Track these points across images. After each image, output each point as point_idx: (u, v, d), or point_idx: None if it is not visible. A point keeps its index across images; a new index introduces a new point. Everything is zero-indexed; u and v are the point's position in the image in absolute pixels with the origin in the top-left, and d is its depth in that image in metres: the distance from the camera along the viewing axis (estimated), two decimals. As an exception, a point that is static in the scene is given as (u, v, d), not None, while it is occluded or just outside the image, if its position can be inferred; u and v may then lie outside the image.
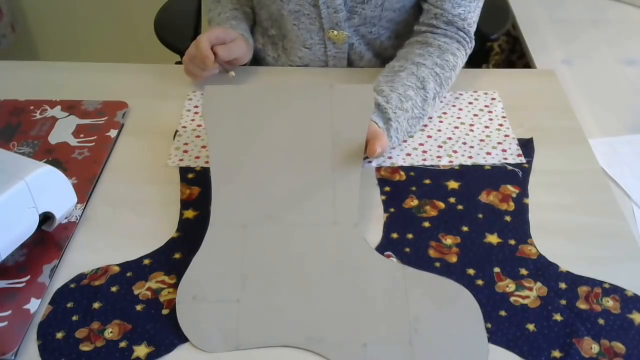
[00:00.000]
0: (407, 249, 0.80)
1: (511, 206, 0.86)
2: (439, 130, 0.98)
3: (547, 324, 0.71)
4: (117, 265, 0.78)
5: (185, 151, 0.94)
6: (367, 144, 0.84)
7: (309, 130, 0.85)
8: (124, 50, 2.10)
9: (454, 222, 0.83)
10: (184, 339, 0.70)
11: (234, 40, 1.04)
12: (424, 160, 0.93)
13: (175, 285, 0.75)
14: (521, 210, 0.85)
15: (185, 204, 0.86)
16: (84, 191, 0.86)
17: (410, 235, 0.82)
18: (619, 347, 0.69)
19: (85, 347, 0.69)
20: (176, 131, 0.98)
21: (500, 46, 1.54)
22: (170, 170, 0.91)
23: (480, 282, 0.76)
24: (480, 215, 0.84)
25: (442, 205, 0.86)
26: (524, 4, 1.37)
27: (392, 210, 0.85)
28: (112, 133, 0.97)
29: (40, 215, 0.75)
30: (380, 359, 0.68)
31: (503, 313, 0.72)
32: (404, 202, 0.86)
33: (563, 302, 0.74)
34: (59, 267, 0.77)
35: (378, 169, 0.91)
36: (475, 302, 0.73)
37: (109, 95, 1.04)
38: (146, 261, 0.78)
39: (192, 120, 1.00)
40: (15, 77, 1.11)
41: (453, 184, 0.89)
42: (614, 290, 0.75)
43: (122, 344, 0.69)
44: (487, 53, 1.54)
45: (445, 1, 1.00)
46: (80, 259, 0.79)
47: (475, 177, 0.90)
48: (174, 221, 0.83)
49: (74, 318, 0.72)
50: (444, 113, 1.02)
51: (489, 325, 0.71)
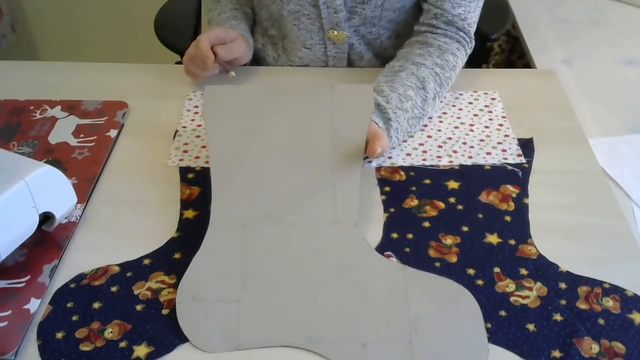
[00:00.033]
0: (407, 249, 0.80)
1: (511, 206, 0.86)
2: (439, 130, 0.98)
3: (547, 324, 0.71)
4: (117, 265, 0.78)
5: (185, 151, 0.94)
6: (367, 144, 0.84)
7: (309, 130, 0.85)
8: (124, 50, 2.10)
9: (454, 222, 0.83)
10: (184, 339, 0.70)
11: (234, 40, 1.04)
12: (424, 160, 0.93)
13: (175, 285, 0.75)
14: (521, 210, 0.85)
15: (185, 204, 0.86)
16: (84, 191, 0.86)
17: (410, 235, 0.82)
18: (619, 347, 0.69)
19: (85, 347, 0.69)
20: (176, 131, 0.98)
21: (500, 46, 1.54)
22: (170, 170, 0.91)
23: (480, 282, 0.76)
24: (480, 215, 0.84)
25: (442, 205, 0.86)
26: (524, 4, 1.37)
27: (392, 210, 0.85)
28: (112, 133, 0.97)
29: (40, 215, 0.75)
30: (380, 359, 0.68)
31: (503, 313, 0.72)
32: (404, 202, 0.86)
33: (563, 302, 0.74)
34: (59, 267, 0.77)
35: (378, 169, 0.91)
36: (475, 302, 0.73)
37: (109, 95, 1.04)
38: (146, 261, 0.78)
39: (192, 120, 1.00)
40: (15, 77, 1.11)
41: (453, 184, 0.89)
42: (614, 290, 0.75)
43: (122, 344, 0.69)
44: (487, 53, 1.54)
45: (445, 1, 1.00)
46: (80, 259, 0.79)
47: (475, 177, 0.90)
48: (174, 221, 0.83)
49: (74, 318, 0.72)
50: (444, 113, 1.02)
51: (489, 325, 0.71)
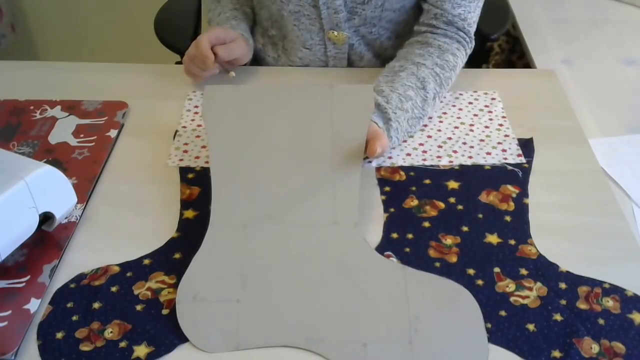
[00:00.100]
0: (407, 249, 0.80)
1: (511, 206, 0.86)
2: (439, 130, 0.98)
3: (547, 324, 0.71)
4: (117, 265, 0.78)
5: (185, 151, 0.94)
6: (367, 144, 0.84)
7: (309, 130, 0.85)
8: (124, 50, 2.10)
9: (454, 222, 0.83)
10: (184, 339, 0.70)
11: (234, 40, 1.04)
12: (424, 160, 0.93)
13: (175, 285, 0.75)
14: (521, 210, 0.85)
15: (185, 204, 0.86)
16: (84, 191, 0.86)
17: (410, 235, 0.82)
18: (619, 347, 0.69)
19: (85, 347, 0.69)
20: (176, 131, 0.98)
21: (500, 46, 1.54)
22: (170, 170, 0.91)
23: (480, 282, 0.76)
24: (480, 215, 0.84)
25: (442, 205, 0.86)
26: (524, 4, 1.37)
27: (392, 210, 0.85)
28: (112, 133, 0.97)
29: (40, 215, 0.75)
30: (380, 359, 0.68)
31: (503, 313, 0.72)
32: (404, 202, 0.86)
33: (563, 302, 0.74)
34: (59, 267, 0.77)
35: (378, 169, 0.91)
36: (475, 302, 0.73)
37: (109, 95, 1.04)
38: (146, 261, 0.78)
39: (192, 120, 1.00)
40: (15, 77, 1.11)
41: (453, 184, 0.89)
42: (614, 290, 0.75)
43: (122, 344, 0.69)
44: (487, 53, 1.54)
45: (445, 1, 1.00)
46: (80, 259, 0.79)
47: (475, 177, 0.90)
48: (174, 221, 0.83)
49: (74, 318, 0.72)
50: (444, 113, 1.02)
51: (489, 325, 0.71)
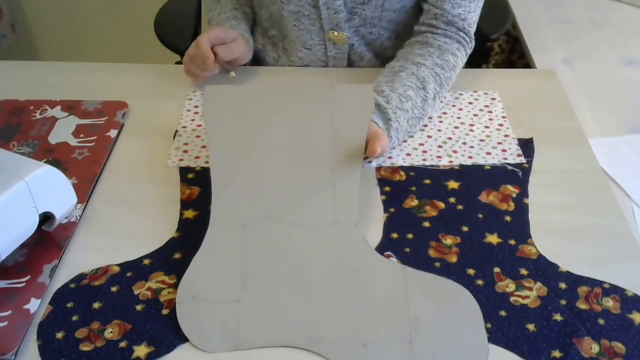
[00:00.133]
0: (407, 249, 0.80)
1: (511, 206, 0.86)
2: (439, 130, 0.98)
3: (547, 324, 0.71)
4: (117, 265, 0.78)
5: (185, 151, 0.94)
6: (367, 144, 0.84)
7: (309, 131, 0.85)
8: (124, 50, 2.10)
9: (454, 222, 0.83)
10: (184, 339, 0.70)
11: (234, 40, 1.04)
12: (424, 160, 0.93)
13: (175, 285, 0.75)
14: (521, 210, 0.85)
15: (185, 204, 0.86)
16: (84, 191, 0.86)
17: (410, 235, 0.82)
18: (619, 347, 0.69)
19: (85, 347, 0.69)
20: (176, 131, 0.98)
21: (500, 46, 1.54)
22: (170, 170, 0.91)
23: (480, 282, 0.76)
24: (480, 215, 0.84)
25: (442, 205, 0.86)
26: (524, 4, 1.37)
27: (392, 210, 0.85)
28: (112, 133, 0.97)
29: (40, 215, 0.75)
30: (380, 359, 0.68)
31: (503, 313, 0.72)
32: (404, 202, 0.86)
33: (563, 302, 0.74)
34: (59, 267, 0.77)
35: (378, 169, 0.91)
36: (475, 302, 0.73)
37: (109, 95, 1.04)
38: (146, 261, 0.78)
39: (192, 120, 1.00)
40: (15, 77, 1.11)
41: (453, 184, 0.89)
42: (614, 290, 0.75)
43: (122, 344, 0.69)
44: (487, 53, 1.54)
45: (445, 1, 1.00)
46: (80, 259, 0.79)
47: (475, 177, 0.90)
48: (174, 221, 0.83)
49: (74, 318, 0.72)
50: (444, 113, 1.02)
51: (489, 325, 0.71)
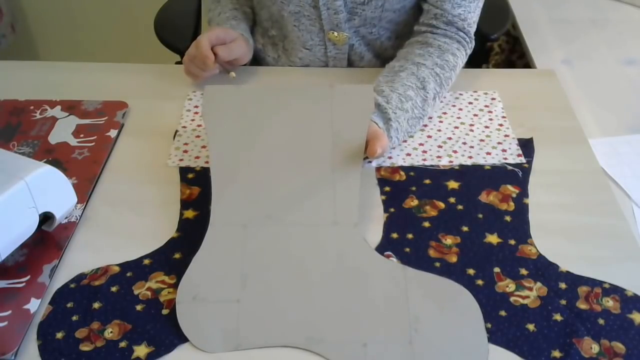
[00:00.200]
0: (407, 249, 0.80)
1: (511, 206, 0.86)
2: (439, 130, 0.98)
3: (547, 324, 0.71)
4: (117, 265, 0.78)
5: (185, 151, 0.94)
6: (367, 144, 0.84)
7: (309, 131, 0.85)
8: (124, 50, 2.10)
9: (454, 222, 0.83)
10: (184, 339, 0.70)
11: (234, 40, 1.04)
12: (424, 160, 0.93)
13: (175, 285, 0.75)
14: (521, 210, 0.85)
15: (185, 204, 0.86)
16: (84, 191, 0.86)
17: (410, 235, 0.82)
18: (619, 347, 0.69)
19: (85, 347, 0.69)
20: (176, 131, 0.98)
21: (500, 46, 1.54)
22: (170, 170, 0.91)
23: (480, 282, 0.76)
24: (480, 215, 0.84)
25: (442, 205, 0.86)
26: (524, 4, 1.37)
27: (392, 210, 0.85)
28: (112, 133, 0.97)
29: (40, 215, 0.75)
30: (380, 359, 0.68)
31: (503, 313, 0.72)
32: (404, 202, 0.86)
33: (563, 302, 0.74)
34: (59, 267, 0.77)
35: (378, 169, 0.91)
36: (475, 302, 0.73)
37: (109, 95, 1.04)
38: (146, 261, 0.78)
39: (192, 120, 1.00)
40: (15, 77, 1.11)
41: (453, 184, 0.89)
42: (614, 290, 0.75)
43: (122, 344, 0.69)
44: (487, 53, 1.54)
45: (445, 1, 1.00)
46: (80, 259, 0.79)
47: (475, 177, 0.90)
48: (174, 221, 0.83)
49: (74, 318, 0.72)
50: (444, 113, 1.02)
51: (489, 325, 0.71)
